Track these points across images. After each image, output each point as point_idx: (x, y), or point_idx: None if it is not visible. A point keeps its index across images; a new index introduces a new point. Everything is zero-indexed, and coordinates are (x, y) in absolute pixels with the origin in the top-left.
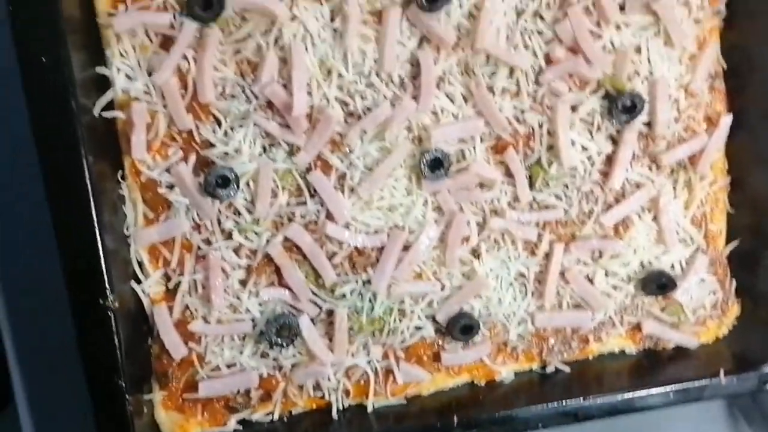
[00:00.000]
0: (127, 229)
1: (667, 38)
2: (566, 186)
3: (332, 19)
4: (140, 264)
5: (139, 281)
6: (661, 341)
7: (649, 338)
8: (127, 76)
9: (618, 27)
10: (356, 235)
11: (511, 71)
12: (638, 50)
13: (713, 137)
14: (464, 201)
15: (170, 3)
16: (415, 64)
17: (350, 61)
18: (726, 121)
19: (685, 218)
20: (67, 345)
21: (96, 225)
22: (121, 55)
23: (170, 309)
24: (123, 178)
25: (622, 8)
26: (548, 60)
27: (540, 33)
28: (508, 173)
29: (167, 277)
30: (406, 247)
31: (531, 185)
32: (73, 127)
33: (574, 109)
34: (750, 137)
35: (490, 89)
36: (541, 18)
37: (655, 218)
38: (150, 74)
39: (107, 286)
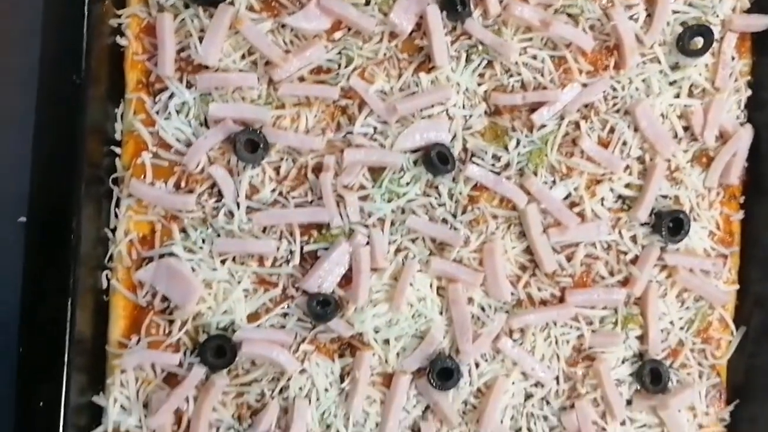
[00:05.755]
0: None
1: None
2: None
3: (342, 378)
4: None
5: None
6: None
7: None
8: (122, 407)
9: (623, 422)
10: None
11: None
12: None
13: None
14: None
15: (183, 340)
16: (416, 431)
17: (351, 421)
18: None
19: None
20: None
21: None
22: (122, 384)
23: None
24: None
25: (629, 402)
26: None
27: (545, 418)
28: None
29: None
30: None
31: None
32: None
33: None
34: None
35: None
36: (548, 403)
37: None
38: (145, 405)
39: None
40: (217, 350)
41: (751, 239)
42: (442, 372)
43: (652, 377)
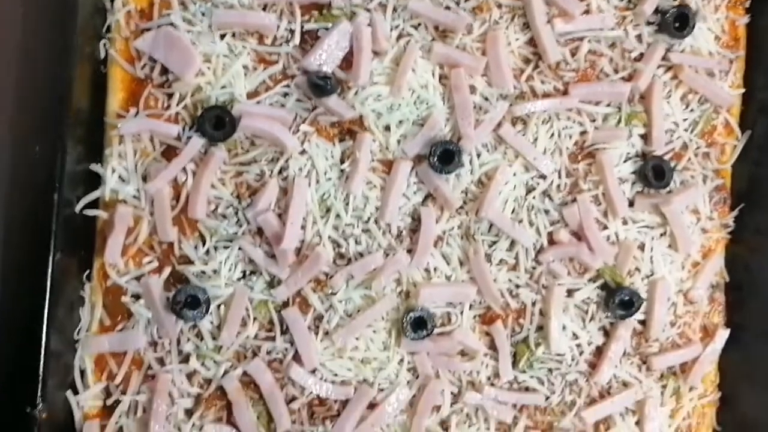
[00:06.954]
0: (77, 332)
1: (673, 241)
2: (550, 371)
3: (342, 161)
4: (82, 373)
5: (76, 392)
6: None
7: None
8: (120, 178)
9: (625, 221)
10: (321, 383)
11: (512, 244)
12: (642, 248)
13: (707, 350)
14: (442, 367)
15: (182, 116)
16: (416, 219)
17: (351, 205)
18: (722, 335)
19: (670, 428)
20: None
21: (45, 323)
22: (120, 156)
23: (102, 428)
24: (88, 278)
25: (631, 203)
26: (551, 240)
27: (546, 212)
28: (493, 346)
29: (107, 392)
30: (372, 405)
31: (514, 363)
32: (48, 223)
33: (569, 293)
34: (744, 355)
35: (488, 258)
36: (550, 198)
37: (638, 423)
38: (144, 179)
39: (40, 392)
40: (216, 121)
41: (756, 45)
42: (444, 155)
43: (654, 174)
